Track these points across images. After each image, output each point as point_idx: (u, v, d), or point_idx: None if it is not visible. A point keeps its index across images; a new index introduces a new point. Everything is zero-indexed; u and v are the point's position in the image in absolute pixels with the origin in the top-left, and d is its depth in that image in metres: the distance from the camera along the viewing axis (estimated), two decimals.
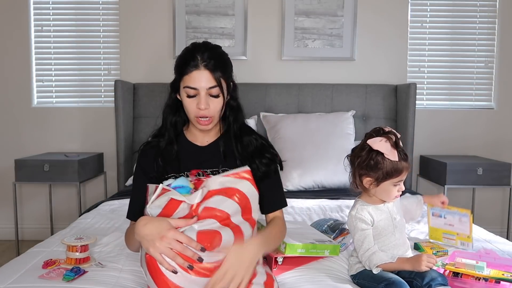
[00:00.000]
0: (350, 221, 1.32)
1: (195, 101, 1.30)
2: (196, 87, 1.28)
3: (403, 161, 1.25)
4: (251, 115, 2.87)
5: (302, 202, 2.26)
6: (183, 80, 1.31)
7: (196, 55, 1.28)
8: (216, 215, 1.10)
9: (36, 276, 1.24)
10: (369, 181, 1.28)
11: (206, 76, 1.28)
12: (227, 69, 1.35)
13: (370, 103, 2.97)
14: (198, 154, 1.37)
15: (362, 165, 1.28)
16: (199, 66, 1.28)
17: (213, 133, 1.41)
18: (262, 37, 3.08)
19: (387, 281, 1.16)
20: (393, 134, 1.28)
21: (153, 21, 3.07)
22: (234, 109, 1.40)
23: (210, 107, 1.29)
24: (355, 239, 1.29)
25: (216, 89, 1.30)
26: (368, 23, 3.08)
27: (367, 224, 1.28)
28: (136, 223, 1.11)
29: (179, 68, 1.33)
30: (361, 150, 1.30)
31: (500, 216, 3.18)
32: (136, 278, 1.28)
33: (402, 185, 1.29)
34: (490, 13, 3.12)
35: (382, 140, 1.25)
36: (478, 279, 1.20)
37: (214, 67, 1.29)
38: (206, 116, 1.30)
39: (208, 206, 1.10)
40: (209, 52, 1.29)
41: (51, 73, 3.13)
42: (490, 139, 3.16)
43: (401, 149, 1.27)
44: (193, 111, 1.31)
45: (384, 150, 1.24)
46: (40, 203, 3.15)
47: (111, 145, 3.05)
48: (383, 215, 1.30)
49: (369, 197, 1.32)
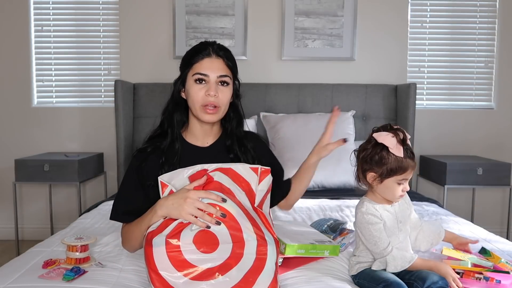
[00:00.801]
0: (360, 218, 1.27)
1: (203, 88, 1.30)
2: (207, 73, 1.29)
3: (408, 159, 1.22)
4: (251, 115, 2.87)
5: (302, 202, 2.26)
6: (193, 68, 1.31)
7: (208, 46, 1.32)
8: (223, 189, 1.19)
9: (36, 276, 1.24)
10: (372, 176, 1.25)
11: (217, 64, 1.31)
12: (235, 65, 1.38)
13: (370, 103, 2.97)
14: (200, 156, 1.35)
15: (367, 159, 1.25)
16: (211, 55, 1.31)
17: (214, 134, 1.41)
18: (262, 37, 3.08)
19: (385, 282, 1.15)
20: (401, 131, 1.25)
21: (153, 21, 3.07)
22: (237, 110, 1.41)
23: (219, 95, 1.30)
24: (369, 235, 1.23)
25: (227, 78, 1.31)
26: (368, 23, 3.08)
27: (379, 219, 1.25)
28: (157, 202, 1.18)
29: (189, 59, 1.33)
30: (367, 143, 1.28)
31: (500, 216, 3.18)
32: (136, 278, 1.28)
33: (407, 184, 1.26)
34: (490, 13, 3.12)
35: (389, 134, 1.23)
36: (479, 279, 1.19)
37: (225, 57, 1.32)
38: (214, 104, 1.30)
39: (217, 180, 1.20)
40: (220, 46, 1.34)
41: (51, 73, 3.13)
42: (490, 139, 3.16)
43: (408, 146, 1.24)
44: (201, 99, 1.30)
45: (389, 144, 1.21)
46: (40, 203, 3.15)
47: (111, 145, 3.05)
48: (389, 215, 1.27)
49: (374, 195, 1.30)
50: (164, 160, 1.32)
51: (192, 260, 1.08)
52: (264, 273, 1.10)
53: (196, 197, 1.13)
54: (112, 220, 1.35)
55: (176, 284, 1.07)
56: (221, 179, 1.21)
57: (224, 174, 1.22)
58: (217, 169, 1.22)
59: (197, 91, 1.30)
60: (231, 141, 1.39)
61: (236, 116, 1.41)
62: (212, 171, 1.22)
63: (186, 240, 1.10)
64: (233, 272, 1.08)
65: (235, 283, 1.08)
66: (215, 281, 1.07)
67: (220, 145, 1.39)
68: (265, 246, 1.12)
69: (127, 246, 1.36)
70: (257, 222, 1.16)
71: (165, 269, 1.08)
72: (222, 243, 1.11)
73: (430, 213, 2.11)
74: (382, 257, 1.22)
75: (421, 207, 2.21)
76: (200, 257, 1.09)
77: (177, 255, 1.08)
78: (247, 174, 1.24)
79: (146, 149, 1.36)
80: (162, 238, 1.11)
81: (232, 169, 1.24)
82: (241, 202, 1.19)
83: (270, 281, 1.11)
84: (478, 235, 1.74)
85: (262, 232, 1.14)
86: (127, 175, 1.36)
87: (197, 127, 1.38)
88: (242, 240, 1.11)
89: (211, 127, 1.39)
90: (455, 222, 1.95)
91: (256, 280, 1.09)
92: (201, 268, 1.08)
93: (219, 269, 1.08)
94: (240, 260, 1.10)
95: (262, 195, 1.26)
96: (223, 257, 1.09)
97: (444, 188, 2.72)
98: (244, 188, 1.23)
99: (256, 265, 1.10)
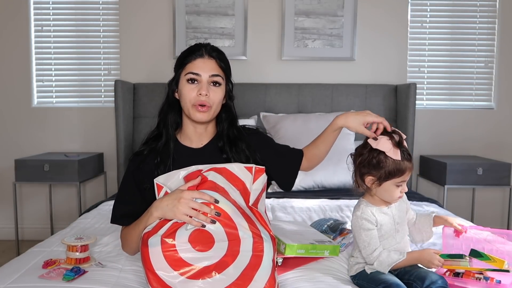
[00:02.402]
0: (355, 222, 1.28)
1: (195, 88, 1.31)
2: (199, 73, 1.30)
3: (406, 161, 1.22)
4: (251, 115, 2.87)
5: (302, 202, 2.26)
6: (185, 68, 1.32)
7: (201, 47, 1.34)
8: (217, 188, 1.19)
9: (36, 276, 1.24)
10: (371, 180, 1.25)
11: (209, 64, 1.32)
12: (229, 66, 1.39)
13: (370, 103, 2.97)
14: (194, 157, 1.35)
15: (364, 163, 1.25)
16: (204, 55, 1.32)
17: (208, 134, 1.41)
18: (262, 37, 3.08)
19: (384, 283, 1.15)
20: (397, 134, 1.25)
21: (153, 21, 3.07)
22: (230, 111, 1.41)
23: (210, 95, 1.31)
24: (360, 239, 1.26)
25: (218, 77, 1.32)
26: (368, 23, 3.08)
27: (373, 224, 1.25)
28: (152, 204, 1.20)
29: (182, 59, 1.35)
30: (363, 148, 1.28)
31: (500, 216, 3.18)
32: (136, 278, 1.28)
33: (405, 186, 1.26)
34: (490, 13, 3.12)
35: (383, 138, 1.23)
36: (479, 279, 1.19)
37: (218, 58, 1.34)
38: (205, 104, 1.30)
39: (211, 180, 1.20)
40: (213, 47, 1.35)
41: (51, 73, 3.13)
42: (490, 139, 3.16)
43: (404, 148, 1.24)
44: (193, 98, 1.31)
45: (385, 148, 1.22)
46: (40, 203, 3.15)
47: (111, 145, 3.05)
48: (386, 218, 1.27)
49: (372, 197, 1.30)
50: (159, 160, 1.34)
51: (188, 259, 1.09)
52: (261, 270, 1.10)
53: (190, 197, 1.14)
54: (112, 223, 1.37)
55: (173, 284, 1.07)
56: (216, 179, 1.21)
57: (218, 174, 1.23)
58: (211, 169, 1.23)
59: (189, 90, 1.31)
60: (223, 142, 1.39)
61: (229, 117, 1.42)
62: (206, 171, 1.23)
63: (181, 239, 1.10)
64: (230, 270, 1.09)
65: (232, 280, 1.08)
66: (212, 280, 1.07)
67: (214, 146, 1.40)
68: (261, 243, 1.12)
69: (126, 249, 1.37)
70: (252, 219, 1.17)
71: (161, 268, 1.08)
72: (217, 241, 1.11)
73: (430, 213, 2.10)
74: (370, 262, 1.24)
75: (421, 207, 2.21)
76: (196, 255, 1.10)
77: (172, 254, 1.09)
78: (241, 173, 1.25)
79: (142, 152, 1.37)
80: (157, 238, 1.11)
81: (226, 169, 1.24)
82: (236, 201, 1.19)
83: (268, 277, 1.11)
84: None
85: (258, 230, 1.14)
86: (124, 178, 1.38)
87: (190, 128, 1.39)
88: (238, 238, 1.12)
89: (205, 128, 1.40)
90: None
91: (253, 277, 1.09)
92: (198, 267, 1.08)
93: (216, 267, 1.09)
94: (236, 258, 1.10)
95: (256, 194, 1.27)
96: (219, 255, 1.10)
97: (444, 188, 2.72)
98: (238, 187, 1.23)
99: (253, 262, 1.10)
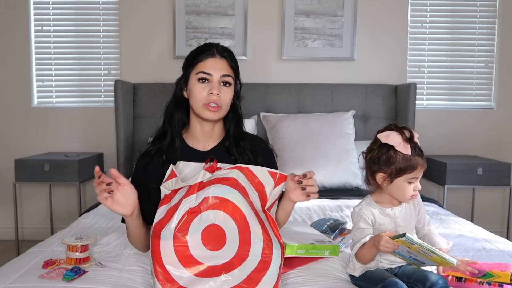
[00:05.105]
0: (352, 215, 1.29)
1: (206, 87, 1.31)
2: (211, 72, 1.31)
3: (417, 156, 1.18)
4: (251, 115, 2.87)
5: (302, 202, 2.24)
6: (196, 67, 1.32)
7: (212, 47, 1.34)
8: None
9: (36, 276, 1.24)
10: (382, 177, 1.22)
11: (221, 64, 1.32)
12: (238, 66, 1.39)
13: (370, 103, 2.97)
14: (200, 160, 1.33)
15: (375, 159, 1.22)
16: (215, 55, 1.33)
17: (214, 135, 1.40)
18: (262, 37, 3.08)
19: (383, 282, 1.15)
20: (408, 130, 1.22)
21: (153, 21, 3.07)
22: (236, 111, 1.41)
23: (221, 95, 1.31)
24: (352, 235, 1.27)
25: (229, 78, 1.33)
26: (368, 23, 3.08)
27: (367, 224, 1.24)
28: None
29: (192, 58, 1.35)
30: (373, 144, 1.25)
31: (500, 216, 3.18)
32: (136, 278, 1.28)
33: (418, 183, 1.22)
34: (490, 13, 3.12)
35: (393, 133, 1.20)
36: (482, 283, 1.18)
37: (229, 58, 1.34)
38: (216, 103, 1.30)
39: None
40: (223, 47, 1.36)
41: (51, 73, 3.13)
42: (490, 139, 3.16)
43: (416, 144, 1.20)
44: (204, 98, 1.31)
45: (394, 142, 1.18)
46: (40, 203, 3.15)
47: (111, 145, 3.05)
48: (387, 219, 1.25)
49: (381, 195, 1.27)
50: (164, 158, 1.33)
51: (198, 256, 1.10)
52: (268, 275, 1.11)
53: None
54: (122, 223, 1.38)
55: (179, 278, 1.08)
56: (238, 177, 1.20)
57: (241, 173, 1.22)
58: (236, 167, 1.23)
59: (200, 90, 1.31)
60: (229, 142, 1.39)
61: (235, 117, 1.42)
62: (231, 168, 1.22)
63: (194, 236, 1.11)
64: (235, 272, 1.09)
65: (237, 282, 1.08)
66: (217, 279, 1.08)
67: (222, 148, 1.39)
68: (270, 249, 1.12)
69: (135, 248, 1.40)
70: (265, 225, 1.16)
71: (171, 263, 1.09)
72: (229, 241, 1.11)
73: (430, 213, 2.11)
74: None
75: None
76: (206, 254, 1.10)
77: (183, 250, 1.09)
78: (263, 177, 1.24)
79: (149, 152, 1.37)
80: (170, 231, 1.11)
81: (249, 169, 1.24)
82: (253, 203, 1.19)
83: (273, 284, 1.12)
84: (478, 235, 1.74)
85: (269, 236, 1.14)
86: (132, 179, 1.38)
87: (197, 127, 1.38)
88: (249, 241, 1.12)
89: (212, 128, 1.38)
90: (455, 222, 1.95)
91: (259, 281, 1.10)
92: (205, 265, 1.09)
93: (223, 268, 1.09)
94: (243, 262, 1.10)
95: (273, 200, 1.27)
96: (228, 256, 1.10)
97: (444, 188, 2.72)
98: (258, 189, 1.23)
99: (260, 267, 1.11)
